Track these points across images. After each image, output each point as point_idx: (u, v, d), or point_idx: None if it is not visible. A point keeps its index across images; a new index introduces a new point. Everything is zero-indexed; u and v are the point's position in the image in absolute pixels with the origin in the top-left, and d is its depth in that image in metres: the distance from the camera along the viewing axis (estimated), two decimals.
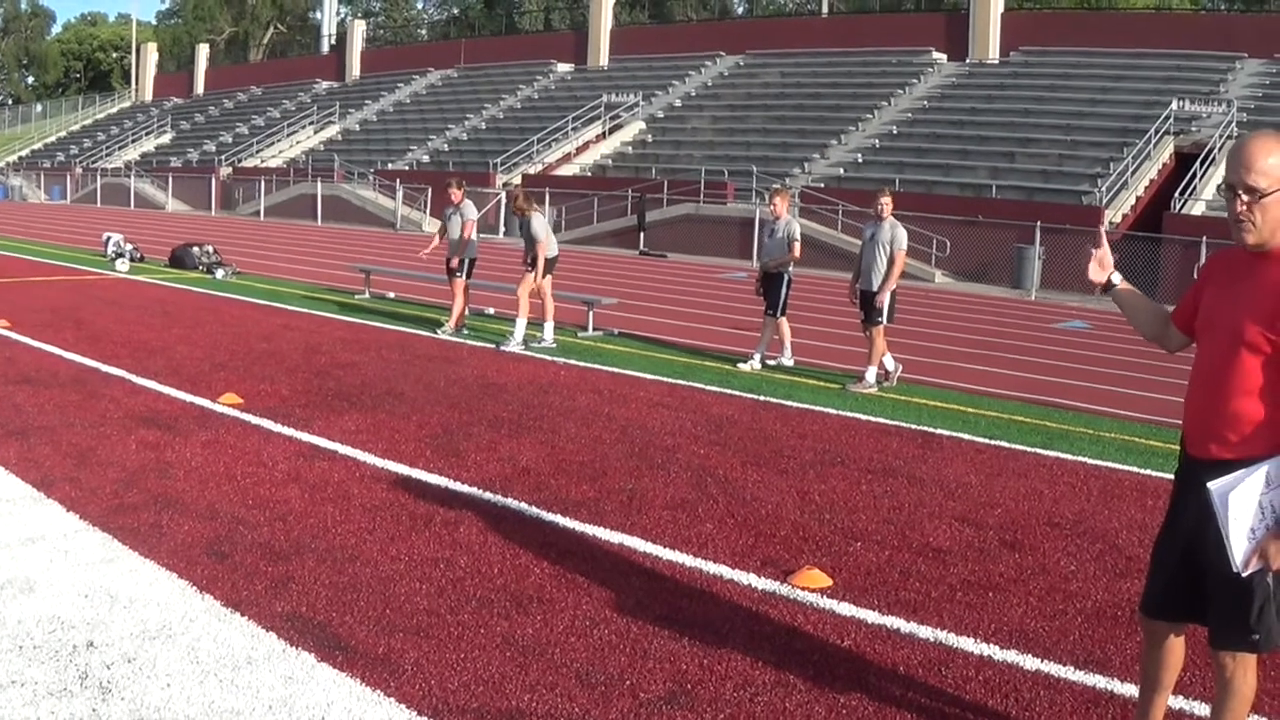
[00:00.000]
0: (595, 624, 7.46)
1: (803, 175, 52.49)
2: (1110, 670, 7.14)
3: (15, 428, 12.07)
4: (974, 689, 6.79)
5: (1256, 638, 5.16)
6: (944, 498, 11.09)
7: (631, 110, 66.63)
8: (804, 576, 8.45)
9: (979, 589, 8.48)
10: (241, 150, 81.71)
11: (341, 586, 7.90)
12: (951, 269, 43.38)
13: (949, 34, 63.54)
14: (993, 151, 49.98)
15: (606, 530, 9.46)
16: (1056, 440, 14.14)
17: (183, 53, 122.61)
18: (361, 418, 13.37)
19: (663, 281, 36.06)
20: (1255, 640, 5.18)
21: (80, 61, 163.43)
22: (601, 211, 54.21)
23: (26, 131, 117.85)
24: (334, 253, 41.19)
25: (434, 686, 6.46)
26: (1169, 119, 47.10)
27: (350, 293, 26.82)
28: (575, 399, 15.25)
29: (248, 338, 19.17)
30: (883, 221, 17.51)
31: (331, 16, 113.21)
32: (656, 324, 24.09)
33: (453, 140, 71.81)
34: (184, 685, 6.33)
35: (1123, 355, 23.49)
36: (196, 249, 31.77)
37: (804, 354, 19.81)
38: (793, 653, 7.20)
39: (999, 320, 29.90)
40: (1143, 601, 5.76)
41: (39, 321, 19.78)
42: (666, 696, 6.47)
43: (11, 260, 32.78)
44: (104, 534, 8.73)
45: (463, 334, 20.57)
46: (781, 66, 67.47)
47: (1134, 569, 9.05)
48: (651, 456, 12.18)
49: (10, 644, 6.75)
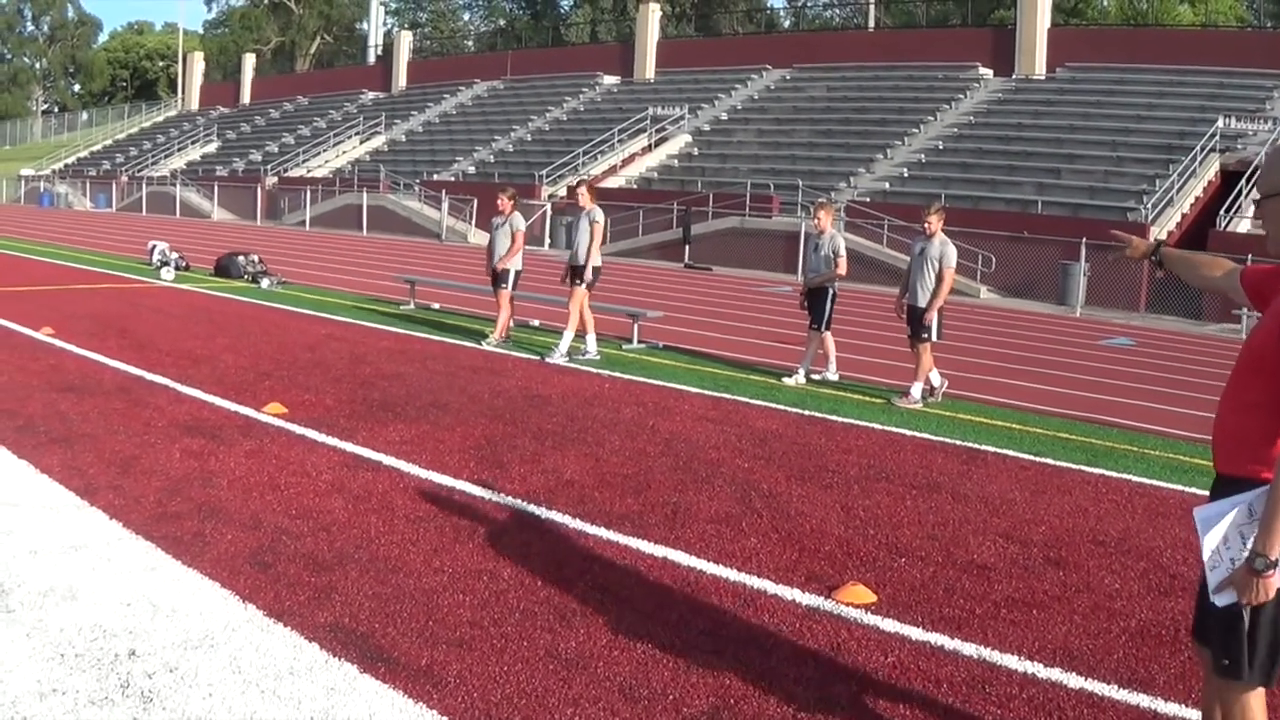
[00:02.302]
0: (638, 638, 7.44)
1: (848, 189, 52.41)
2: (1154, 689, 7.10)
3: (59, 435, 12.10)
4: (1017, 707, 6.75)
5: (1226, 664, 5.06)
6: (989, 514, 11.04)
7: (677, 123, 66.65)
8: (848, 592, 8.42)
9: (1023, 606, 8.44)
10: (287, 160, 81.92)
11: (385, 598, 7.89)
12: (997, 285, 43.26)
13: (995, 49, 63.37)
14: (1038, 168, 49.78)
15: (650, 544, 9.43)
16: (1101, 457, 14.07)
17: (229, 62, 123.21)
18: (406, 428, 13.38)
19: (707, 295, 36.02)
20: (1225, 666, 5.06)
21: (126, 70, 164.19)
22: (647, 224, 54.17)
23: (72, 139, 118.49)
24: (379, 263, 41.24)
25: (477, 699, 6.44)
26: (1215, 136, 46.89)
27: (395, 303, 26.86)
28: (619, 412, 15.24)
29: (293, 347, 19.20)
30: (933, 238, 17.46)
31: (378, 27, 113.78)
32: (701, 337, 24.06)
33: (498, 152, 71.88)
34: (226, 695, 6.33)
35: (1168, 373, 23.42)
36: (242, 258, 31.83)
37: (848, 369, 19.79)
38: (836, 669, 7.17)
39: (1044, 336, 29.79)
40: None
41: (84, 329, 19.84)
42: (710, 712, 6.44)
43: (57, 268, 32.93)
44: (147, 542, 8.74)
45: (508, 345, 20.55)
46: (828, 80, 67.38)
47: (1178, 587, 9.01)
48: (695, 470, 12.16)
49: (52, 652, 6.75)
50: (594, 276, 19.97)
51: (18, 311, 21.67)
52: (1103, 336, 30.61)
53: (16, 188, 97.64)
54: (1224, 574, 4.95)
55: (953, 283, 17.72)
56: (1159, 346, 28.81)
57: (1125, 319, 36.86)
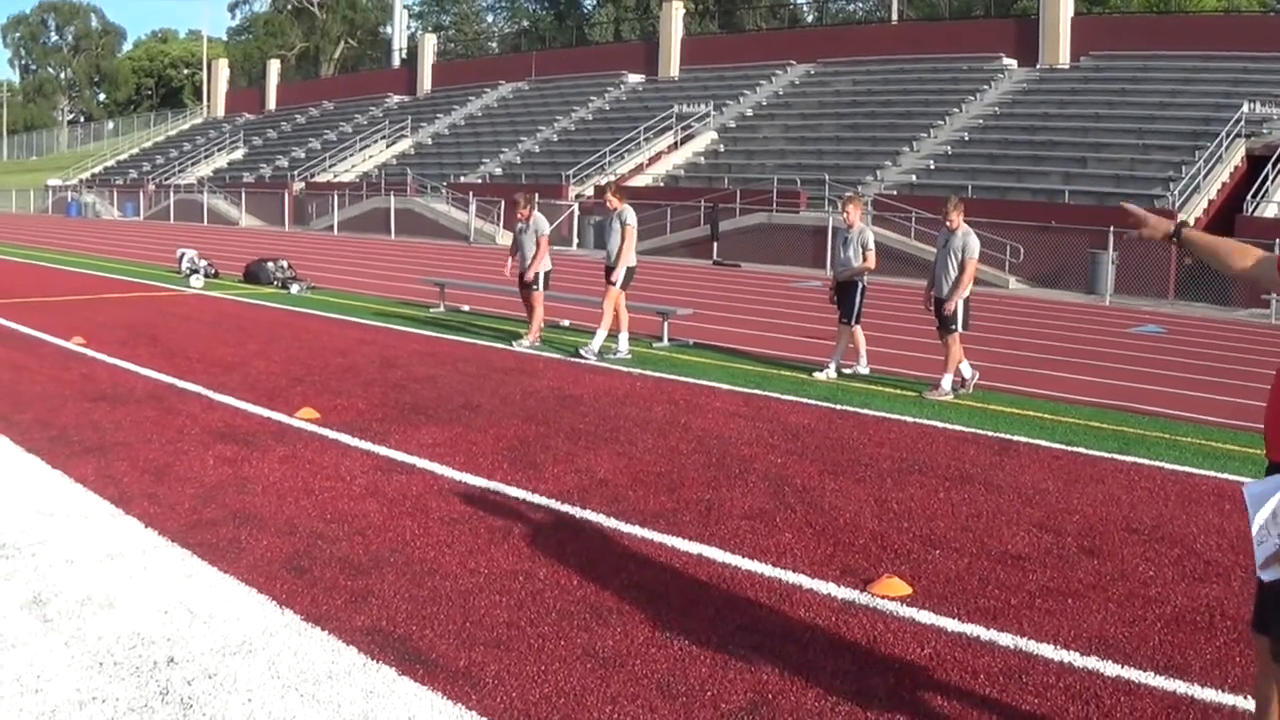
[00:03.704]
0: (675, 635, 7.46)
1: (875, 183, 52.35)
2: (1190, 676, 7.09)
3: (93, 444, 12.16)
4: (1055, 696, 6.75)
5: None
6: (1022, 504, 11.04)
7: (703, 120, 66.63)
8: (883, 585, 8.43)
9: (1058, 595, 8.44)
10: (314, 165, 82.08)
11: (421, 600, 7.91)
12: (1025, 275, 43.16)
13: (1019, 40, 63.22)
14: (1065, 157, 49.68)
15: (684, 541, 9.44)
16: (1133, 446, 14.05)
17: (254, 68, 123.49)
18: (439, 431, 13.40)
19: (736, 291, 36.03)
20: None
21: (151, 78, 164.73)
22: (674, 222, 54.17)
23: (99, 149, 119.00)
24: (408, 267, 41.25)
25: (515, 699, 6.46)
26: (1240, 121, 46.70)
27: (425, 306, 26.89)
28: (651, 410, 15.25)
29: (323, 352, 19.25)
30: (955, 231, 17.46)
31: (402, 31, 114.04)
32: (731, 334, 24.06)
33: (525, 152, 71.96)
34: (265, 700, 6.35)
35: (1199, 359, 23.36)
36: (271, 264, 31.89)
37: (879, 362, 19.78)
38: (873, 661, 7.17)
39: (1073, 326, 29.71)
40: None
41: (115, 338, 19.92)
42: (748, 707, 6.45)
43: (86, 277, 33.04)
44: (183, 549, 8.78)
45: (539, 346, 20.56)
46: (853, 74, 67.24)
47: (1212, 574, 9.01)
48: (728, 466, 12.17)
49: (91, 660, 6.79)
50: (627, 276, 20.00)
51: (49, 322, 21.76)
52: (1132, 324, 30.52)
53: (44, 198, 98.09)
54: (1271, 549, 4.93)
55: (975, 272, 17.69)
56: (1188, 333, 28.75)
57: (1154, 306, 36.76)
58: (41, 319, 22.22)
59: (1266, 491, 5.01)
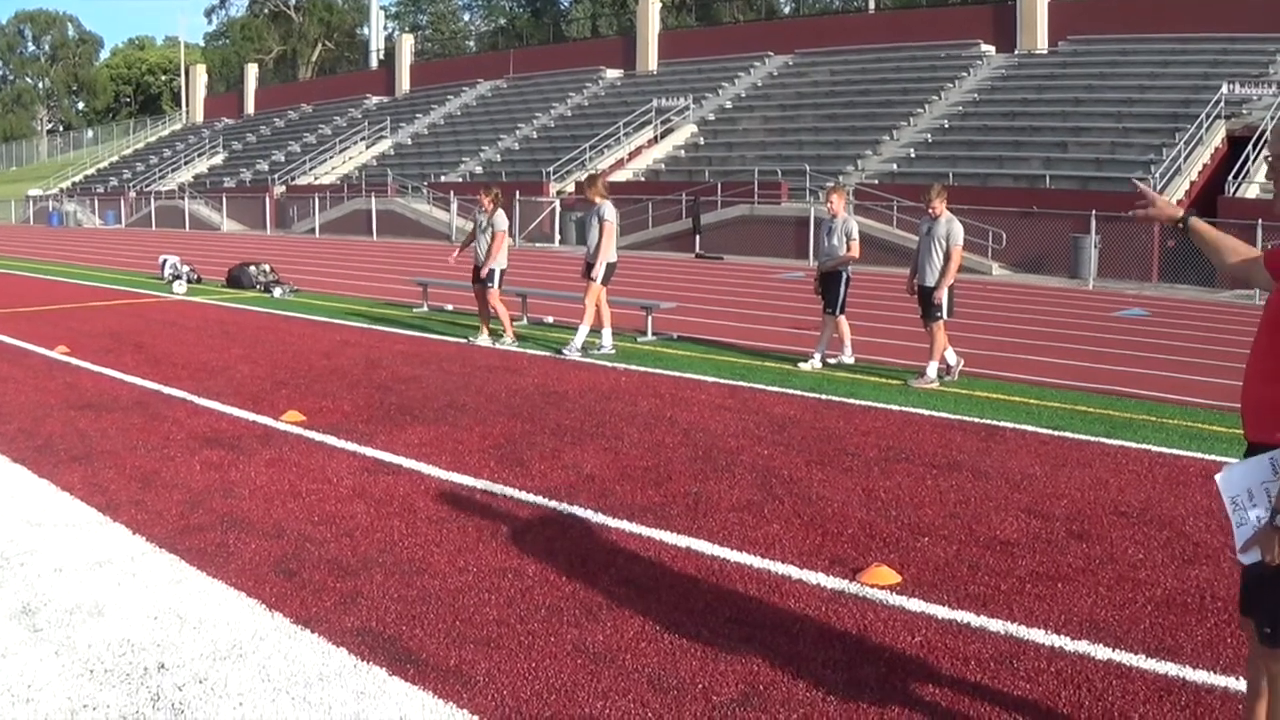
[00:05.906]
0: (665, 629, 7.46)
1: (856, 172, 52.42)
2: (1181, 658, 7.10)
3: (79, 452, 12.14)
4: (1046, 681, 6.75)
5: (1269, 632, 4.95)
6: (1010, 490, 11.05)
7: (682, 114, 66.70)
8: (872, 574, 8.44)
9: (1048, 580, 8.45)
10: (294, 168, 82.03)
11: (410, 600, 7.91)
12: (1008, 261, 43.23)
13: (997, 25, 63.31)
14: (1045, 142, 49.79)
15: (673, 534, 9.46)
16: (1120, 429, 14.07)
17: (232, 73, 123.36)
18: (424, 431, 13.40)
19: (720, 284, 36.02)
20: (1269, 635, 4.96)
21: (130, 86, 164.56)
22: (656, 216, 54.32)
23: (79, 158, 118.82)
24: (390, 267, 41.27)
25: (506, 696, 6.46)
26: (1220, 103, 46.68)
27: (408, 306, 26.90)
28: (637, 404, 15.25)
29: (308, 355, 19.23)
30: (939, 218, 17.47)
31: (379, 32, 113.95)
32: (715, 326, 24.07)
33: (505, 150, 71.98)
34: (256, 704, 6.35)
35: (1184, 341, 23.42)
36: (253, 268, 31.88)
37: (864, 351, 19.80)
38: (864, 651, 7.18)
39: (1058, 310, 29.76)
40: None
41: (99, 346, 19.88)
42: (739, 699, 6.45)
43: (69, 286, 32.96)
44: (171, 555, 8.77)
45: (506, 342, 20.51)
46: (830, 64, 67.35)
47: (1201, 555, 9.03)
48: (715, 459, 12.17)
49: (81, 668, 6.78)
50: (607, 272, 19.97)
51: (32, 331, 21.73)
52: (1116, 308, 30.56)
53: (25, 208, 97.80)
54: (1249, 532, 4.92)
55: (961, 259, 17.72)
56: (1173, 315, 28.80)
57: (1138, 289, 36.85)
58: (25, 329, 22.18)
59: (1237, 476, 5.00)
